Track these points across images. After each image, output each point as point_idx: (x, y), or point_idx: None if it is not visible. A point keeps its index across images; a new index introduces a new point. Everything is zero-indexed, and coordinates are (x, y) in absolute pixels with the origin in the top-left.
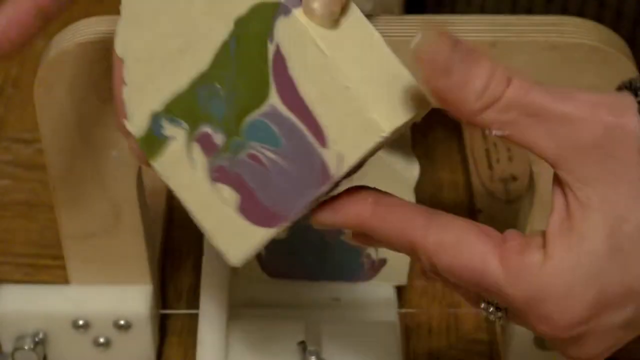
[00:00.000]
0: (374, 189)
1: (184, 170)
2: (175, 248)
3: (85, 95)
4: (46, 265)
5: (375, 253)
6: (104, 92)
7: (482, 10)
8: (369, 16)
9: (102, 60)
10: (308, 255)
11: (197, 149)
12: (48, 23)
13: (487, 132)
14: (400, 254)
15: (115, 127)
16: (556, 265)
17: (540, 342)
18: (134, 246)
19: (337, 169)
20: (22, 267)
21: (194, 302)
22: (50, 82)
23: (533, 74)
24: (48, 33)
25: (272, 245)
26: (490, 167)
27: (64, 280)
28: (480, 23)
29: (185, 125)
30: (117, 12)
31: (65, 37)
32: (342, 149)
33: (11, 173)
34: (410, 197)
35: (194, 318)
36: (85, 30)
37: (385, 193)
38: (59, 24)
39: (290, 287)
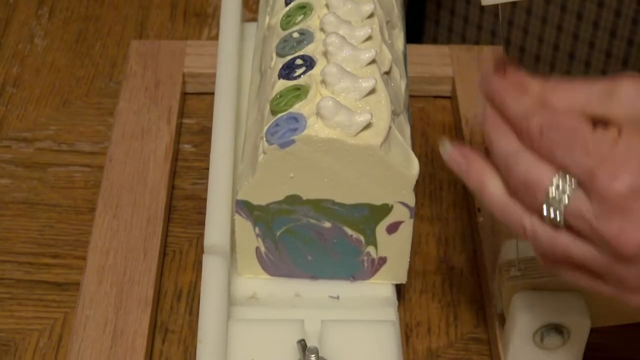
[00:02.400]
0: None
1: None
2: (176, 246)
3: None
4: (46, 263)
5: (375, 252)
6: None
7: (482, 10)
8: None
9: None
10: (307, 254)
11: None
12: None
13: None
14: (400, 253)
15: None
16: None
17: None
18: None
19: None
20: (22, 266)
21: (194, 301)
22: None
23: None
24: (49, 33)
25: (272, 244)
26: None
27: (64, 279)
28: None
29: None
30: (117, 12)
31: None
32: None
33: (11, 172)
34: (410, 195)
35: (194, 316)
36: None
37: None
38: (60, 23)
39: (290, 286)
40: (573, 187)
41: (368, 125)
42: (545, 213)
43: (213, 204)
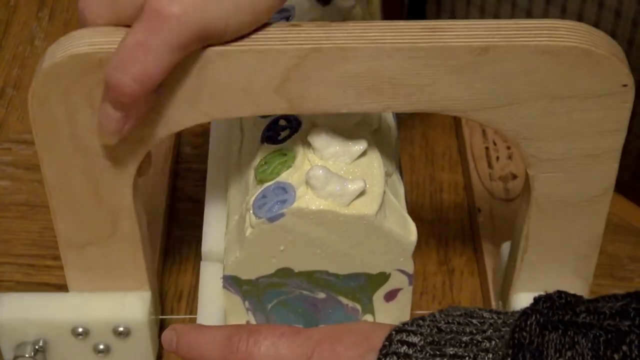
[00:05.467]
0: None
1: None
2: (176, 249)
3: (78, 106)
4: (47, 265)
5: (373, 320)
6: (97, 102)
7: (482, 10)
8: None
9: (95, 71)
10: (301, 325)
11: None
12: None
13: None
14: (399, 320)
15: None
16: None
17: None
18: (131, 254)
19: None
20: (22, 268)
21: (194, 304)
22: (44, 94)
23: (524, 78)
24: (49, 35)
25: (263, 318)
26: (489, 165)
27: (65, 281)
28: (472, 28)
29: None
30: None
31: (58, 48)
32: None
33: (12, 174)
34: (409, 262)
35: (194, 320)
36: (78, 42)
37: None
38: (61, 25)
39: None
40: None
41: (361, 193)
42: None
43: (210, 209)
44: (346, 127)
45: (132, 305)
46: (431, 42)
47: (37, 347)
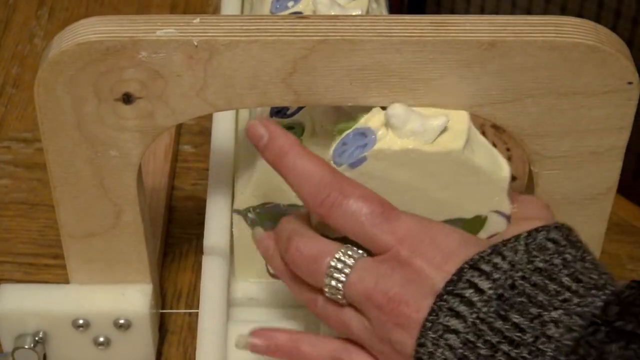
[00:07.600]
0: None
1: None
2: (175, 247)
3: (85, 95)
4: (46, 264)
5: None
6: (103, 91)
7: (482, 10)
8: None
9: (102, 60)
10: None
11: None
12: None
13: None
14: None
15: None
16: None
17: None
18: (134, 246)
19: None
20: (22, 267)
21: (194, 301)
22: (50, 82)
23: (530, 74)
24: (48, 33)
25: None
26: None
27: (64, 280)
28: (479, 23)
29: None
30: (116, 12)
31: (65, 37)
32: None
33: (11, 172)
34: (505, 202)
35: (194, 317)
36: (85, 30)
37: None
38: (60, 23)
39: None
40: (354, 258)
41: (444, 130)
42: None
43: (213, 204)
44: None
45: (133, 298)
46: (438, 36)
47: (37, 338)
